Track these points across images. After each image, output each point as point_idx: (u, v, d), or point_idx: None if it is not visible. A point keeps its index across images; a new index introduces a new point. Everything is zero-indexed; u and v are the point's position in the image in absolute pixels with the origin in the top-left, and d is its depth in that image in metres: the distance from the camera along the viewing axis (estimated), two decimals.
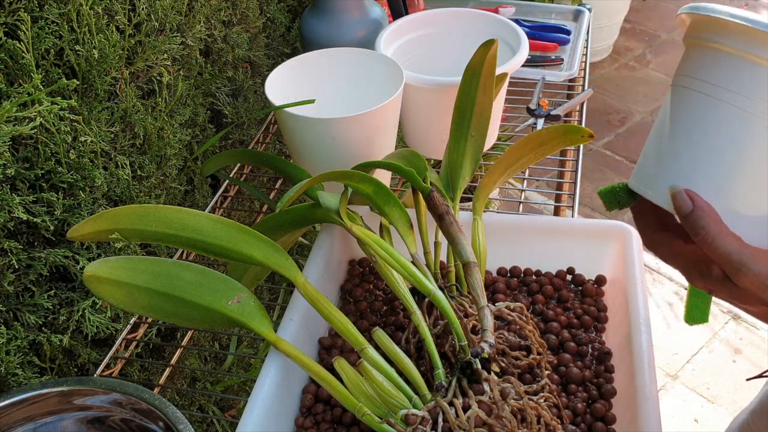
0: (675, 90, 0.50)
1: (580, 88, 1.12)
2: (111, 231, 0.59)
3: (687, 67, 0.49)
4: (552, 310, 0.70)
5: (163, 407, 0.59)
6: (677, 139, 0.48)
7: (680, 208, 0.46)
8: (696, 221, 0.46)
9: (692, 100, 0.47)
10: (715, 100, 0.46)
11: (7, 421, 0.61)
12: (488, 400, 0.54)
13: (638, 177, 0.52)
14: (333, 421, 0.62)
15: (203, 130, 0.96)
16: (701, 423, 1.59)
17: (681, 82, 0.49)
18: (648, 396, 0.56)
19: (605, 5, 2.57)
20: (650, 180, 0.50)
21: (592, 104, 2.53)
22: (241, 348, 1.03)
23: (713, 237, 0.45)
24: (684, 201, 0.46)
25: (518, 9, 1.28)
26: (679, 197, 0.47)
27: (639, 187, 0.51)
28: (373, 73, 0.88)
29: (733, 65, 0.45)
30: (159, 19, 0.78)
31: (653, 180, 0.50)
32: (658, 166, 0.50)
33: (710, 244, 0.45)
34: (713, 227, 0.45)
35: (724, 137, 0.46)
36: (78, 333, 0.72)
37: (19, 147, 0.64)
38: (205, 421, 0.94)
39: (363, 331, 0.61)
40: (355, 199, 0.75)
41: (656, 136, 0.51)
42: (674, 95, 0.49)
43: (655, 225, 0.51)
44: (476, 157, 0.74)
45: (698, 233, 0.46)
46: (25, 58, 0.61)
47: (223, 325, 0.59)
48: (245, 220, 1.03)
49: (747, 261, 0.44)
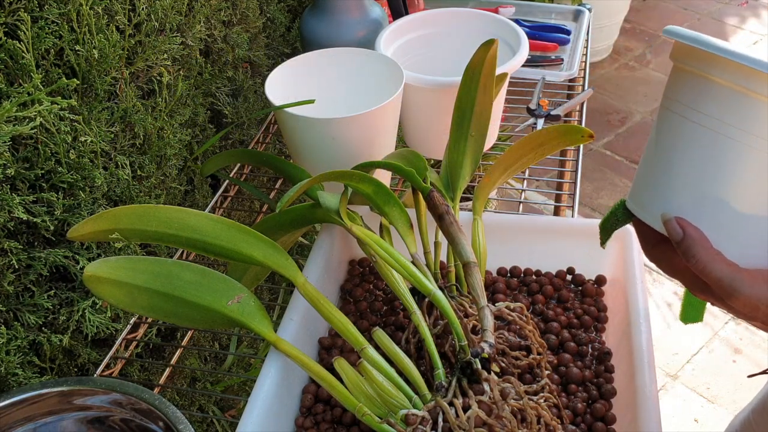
0: (664, 114, 0.49)
1: (580, 88, 1.12)
2: (111, 231, 0.59)
3: (676, 91, 0.48)
4: (552, 310, 0.70)
5: (163, 407, 0.59)
6: (668, 166, 0.49)
7: (672, 236, 0.48)
8: (687, 249, 0.47)
9: (682, 126, 0.47)
10: (705, 128, 0.46)
11: (7, 421, 0.61)
12: (488, 400, 0.54)
13: (634, 198, 0.52)
14: (333, 421, 0.62)
15: (203, 130, 0.96)
16: (701, 423, 1.59)
17: (671, 106, 0.49)
18: (648, 396, 0.56)
19: (605, 5, 2.57)
20: (644, 202, 0.51)
21: (592, 104, 2.53)
22: (241, 348, 1.03)
23: (704, 264, 0.46)
24: (674, 229, 0.48)
25: (518, 9, 1.28)
26: (670, 225, 0.48)
27: (635, 208, 0.52)
28: (373, 73, 0.88)
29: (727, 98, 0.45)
30: (159, 19, 0.78)
31: (647, 203, 0.50)
32: (650, 189, 0.50)
33: (702, 270, 0.47)
34: (704, 255, 0.46)
35: (715, 166, 0.46)
36: (78, 333, 0.72)
37: (19, 147, 0.64)
38: (205, 421, 0.94)
39: (363, 331, 0.61)
40: (355, 199, 0.75)
41: (648, 159, 0.51)
42: (663, 119, 0.50)
43: (655, 239, 0.52)
44: (476, 157, 0.74)
45: (689, 260, 0.47)
46: (25, 58, 0.61)
47: (223, 325, 0.59)
48: (245, 220, 1.03)
49: (738, 286, 0.45)
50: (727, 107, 0.45)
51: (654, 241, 0.52)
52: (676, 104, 0.48)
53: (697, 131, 0.46)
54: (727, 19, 3.01)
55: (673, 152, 0.48)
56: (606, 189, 2.20)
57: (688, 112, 0.47)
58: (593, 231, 0.72)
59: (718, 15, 3.03)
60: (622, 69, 2.75)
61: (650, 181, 0.50)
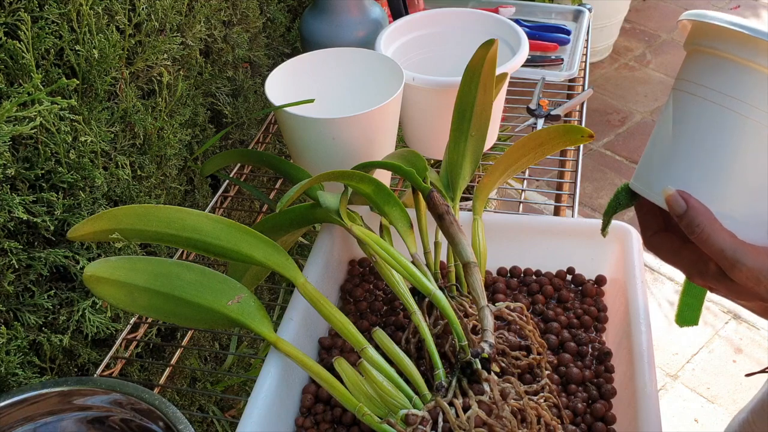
0: (675, 94, 0.51)
1: (580, 88, 1.12)
2: (111, 231, 0.59)
3: (687, 71, 0.50)
4: (552, 310, 0.70)
5: (163, 407, 0.59)
6: (675, 142, 0.49)
7: (674, 209, 0.48)
8: (691, 220, 0.47)
9: (690, 103, 0.49)
10: (713, 104, 0.47)
11: (7, 421, 0.61)
12: (488, 400, 0.54)
13: (639, 178, 0.53)
14: (333, 421, 0.62)
15: (203, 130, 0.96)
16: (701, 423, 1.59)
17: (680, 86, 0.50)
18: (648, 396, 0.56)
19: (605, 5, 2.57)
20: (650, 181, 0.51)
21: (592, 104, 2.53)
22: (241, 348, 1.03)
23: (708, 234, 0.46)
24: (677, 201, 0.48)
25: (518, 9, 1.28)
26: (673, 198, 0.48)
27: (640, 187, 0.52)
28: (373, 73, 0.88)
29: (732, 71, 0.46)
30: (159, 19, 0.78)
31: (653, 181, 0.51)
32: (657, 167, 0.51)
33: (705, 241, 0.47)
34: (707, 225, 0.46)
35: (719, 140, 0.47)
36: (78, 333, 0.72)
37: (19, 147, 0.64)
38: (205, 421, 0.94)
39: (363, 331, 0.61)
40: (355, 199, 0.75)
41: (656, 139, 0.52)
42: (674, 99, 0.51)
43: (656, 226, 0.53)
44: (476, 157, 0.74)
45: (693, 231, 0.47)
46: (25, 58, 0.61)
47: (223, 325, 0.59)
48: (245, 220, 1.03)
49: (741, 257, 0.46)
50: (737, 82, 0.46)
51: (655, 227, 0.52)
52: (687, 83, 0.49)
53: (708, 107, 0.47)
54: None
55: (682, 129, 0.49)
56: (606, 189, 2.20)
57: (699, 89, 0.48)
58: (593, 231, 0.73)
59: None
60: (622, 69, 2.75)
61: (658, 159, 0.51)
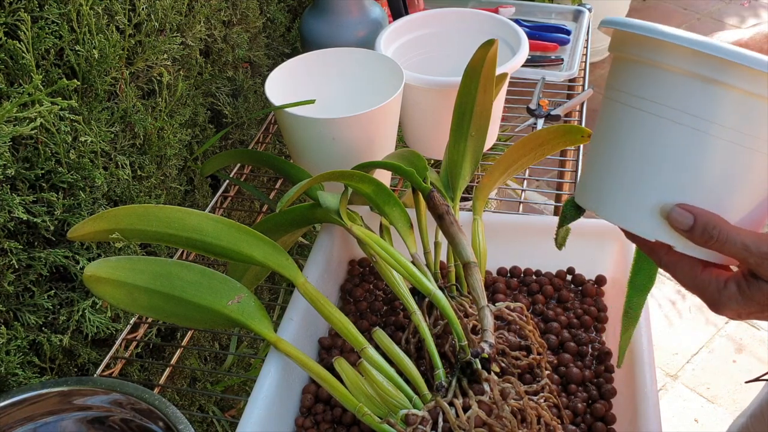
0: (612, 105, 0.47)
1: (580, 88, 1.12)
2: (111, 231, 0.59)
3: (623, 82, 0.46)
4: (552, 310, 0.70)
5: (163, 407, 0.59)
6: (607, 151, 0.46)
7: (681, 224, 0.44)
8: (705, 226, 0.43)
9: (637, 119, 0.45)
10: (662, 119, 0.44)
11: (7, 421, 0.61)
12: (488, 400, 0.54)
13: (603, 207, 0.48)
14: (333, 421, 0.62)
15: (203, 130, 0.96)
16: (701, 423, 1.58)
17: (616, 97, 0.46)
18: (648, 396, 0.56)
19: (605, 5, 2.57)
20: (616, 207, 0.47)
21: (592, 104, 2.53)
22: (241, 348, 1.03)
23: (727, 234, 0.43)
24: (682, 215, 0.44)
25: (518, 9, 1.28)
26: (675, 213, 0.44)
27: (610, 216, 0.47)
28: (373, 73, 0.88)
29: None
30: (159, 19, 0.78)
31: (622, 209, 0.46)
32: (590, 182, 0.47)
33: (725, 243, 0.43)
34: (724, 225, 0.43)
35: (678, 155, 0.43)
36: (78, 333, 0.72)
37: (19, 147, 0.64)
38: (205, 421, 0.94)
39: (363, 331, 0.61)
40: (355, 199, 0.75)
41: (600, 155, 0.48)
42: (613, 111, 0.47)
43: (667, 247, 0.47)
44: (476, 157, 0.74)
45: (711, 236, 0.43)
46: (25, 58, 0.61)
47: (223, 325, 0.59)
48: (245, 220, 1.03)
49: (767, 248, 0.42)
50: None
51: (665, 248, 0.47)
52: (621, 94, 0.46)
53: (658, 123, 0.44)
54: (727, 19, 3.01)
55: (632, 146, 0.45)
56: None
57: (633, 100, 0.45)
58: (593, 231, 0.73)
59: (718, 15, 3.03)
60: None
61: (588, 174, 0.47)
